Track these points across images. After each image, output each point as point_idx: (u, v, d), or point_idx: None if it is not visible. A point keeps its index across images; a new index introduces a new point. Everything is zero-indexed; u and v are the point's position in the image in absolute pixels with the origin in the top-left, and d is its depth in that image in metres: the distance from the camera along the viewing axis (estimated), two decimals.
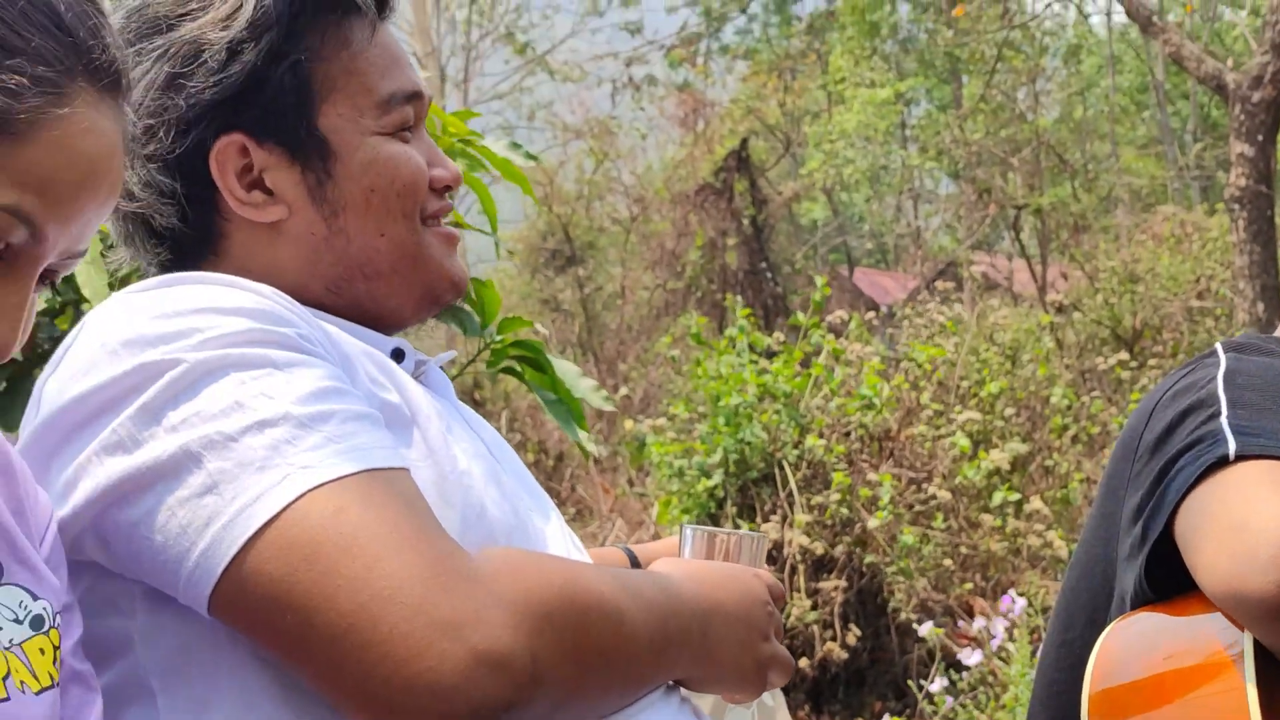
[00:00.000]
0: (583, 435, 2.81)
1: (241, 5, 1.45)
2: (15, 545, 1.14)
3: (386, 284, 1.52)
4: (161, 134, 1.45)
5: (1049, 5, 18.58)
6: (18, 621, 1.09)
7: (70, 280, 2.34)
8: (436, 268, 1.55)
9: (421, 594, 1.15)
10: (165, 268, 1.50)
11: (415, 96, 1.54)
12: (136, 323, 1.26)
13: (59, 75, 1.00)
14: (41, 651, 1.10)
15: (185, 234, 1.49)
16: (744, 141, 15.88)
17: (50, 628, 1.12)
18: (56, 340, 2.26)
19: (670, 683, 1.39)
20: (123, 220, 1.52)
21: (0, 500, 1.15)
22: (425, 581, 1.16)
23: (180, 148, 1.45)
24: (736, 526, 6.70)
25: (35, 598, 1.12)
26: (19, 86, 0.97)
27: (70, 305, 2.59)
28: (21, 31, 0.98)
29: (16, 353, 1.04)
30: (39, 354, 2.55)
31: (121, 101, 1.07)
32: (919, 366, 7.74)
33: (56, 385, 1.28)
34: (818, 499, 6.78)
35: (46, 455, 1.27)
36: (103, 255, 2.25)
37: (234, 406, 1.22)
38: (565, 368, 2.81)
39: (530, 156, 2.97)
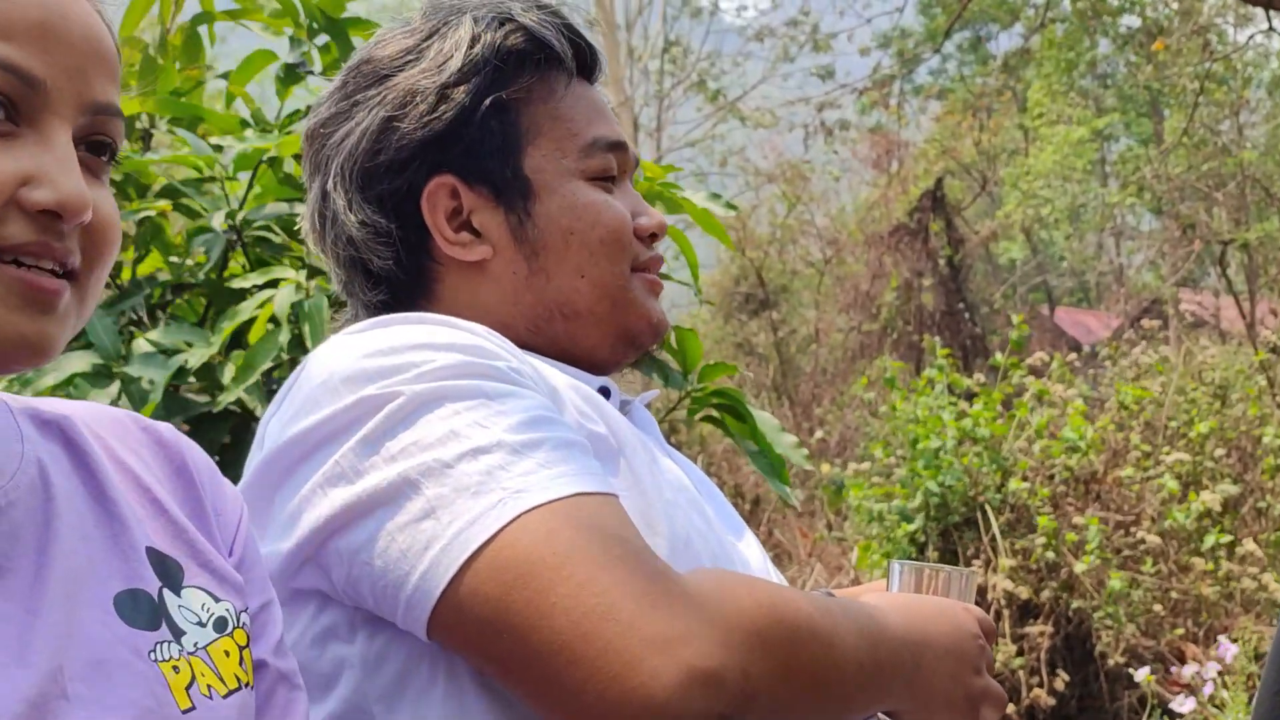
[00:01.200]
0: (786, 489, 2.79)
1: (453, 53, 1.52)
2: (194, 547, 1.14)
3: (583, 324, 1.55)
4: (378, 175, 1.52)
5: (1252, 36, 18.04)
6: (201, 625, 1.09)
7: (298, 340, 2.46)
8: (638, 310, 1.57)
9: (633, 611, 1.16)
10: (379, 310, 1.56)
11: (618, 146, 1.58)
12: (356, 360, 1.31)
13: None
14: (226, 654, 1.10)
15: (399, 277, 1.55)
16: (939, 181, 15.71)
17: (234, 628, 1.12)
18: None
19: (879, 715, 1.38)
20: (343, 267, 1.58)
21: (174, 503, 1.15)
22: (637, 599, 1.17)
23: (394, 187, 1.51)
24: None
25: (217, 600, 1.12)
26: None
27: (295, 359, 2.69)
28: None
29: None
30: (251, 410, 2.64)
31: None
32: (1125, 409, 7.56)
33: (280, 423, 1.33)
34: (1022, 543, 6.66)
35: (271, 489, 1.32)
36: (333, 318, 2.36)
37: (449, 435, 1.25)
38: (765, 419, 2.79)
39: (730, 206, 2.98)
